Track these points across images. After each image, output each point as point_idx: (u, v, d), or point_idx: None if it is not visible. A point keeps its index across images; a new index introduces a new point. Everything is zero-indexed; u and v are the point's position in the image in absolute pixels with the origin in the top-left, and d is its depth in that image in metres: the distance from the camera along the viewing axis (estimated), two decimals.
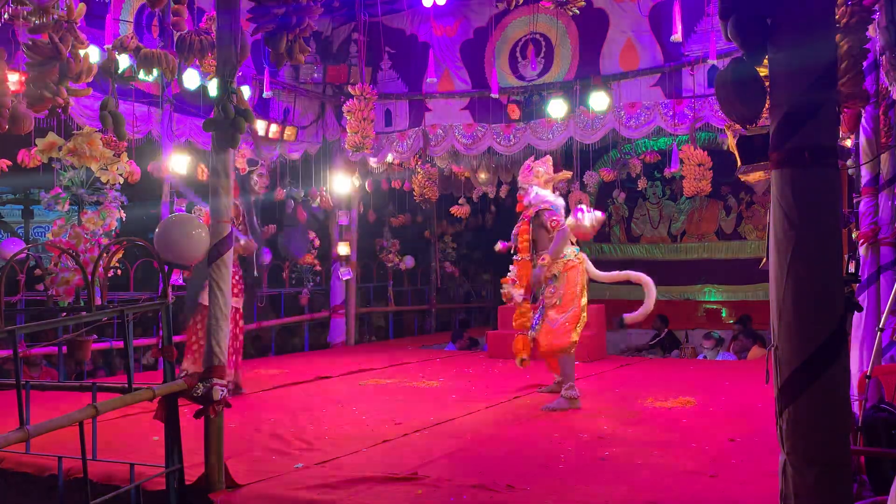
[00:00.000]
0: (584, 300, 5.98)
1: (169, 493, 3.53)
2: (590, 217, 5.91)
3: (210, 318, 3.65)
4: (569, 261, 5.92)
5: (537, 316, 6.00)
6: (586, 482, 3.76)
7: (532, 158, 6.50)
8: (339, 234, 10.96)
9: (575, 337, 5.87)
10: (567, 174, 6.77)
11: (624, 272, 6.63)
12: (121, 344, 6.86)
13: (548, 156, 6.59)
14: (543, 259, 5.86)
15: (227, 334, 3.69)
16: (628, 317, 6.34)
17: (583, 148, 9.42)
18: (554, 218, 5.98)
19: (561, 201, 6.26)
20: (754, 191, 11.70)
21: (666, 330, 10.61)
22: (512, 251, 6.37)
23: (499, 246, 6.67)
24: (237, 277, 5.97)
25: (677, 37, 7.42)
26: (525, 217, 6.20)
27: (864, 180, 4.93)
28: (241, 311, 6.26)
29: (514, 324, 6.15)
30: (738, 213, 12.47)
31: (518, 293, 6.10)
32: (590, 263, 6.19)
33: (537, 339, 5.96)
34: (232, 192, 5.63)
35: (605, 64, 8.70)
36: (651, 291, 6.29)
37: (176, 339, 5.20)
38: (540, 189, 6.20)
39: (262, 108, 9.17)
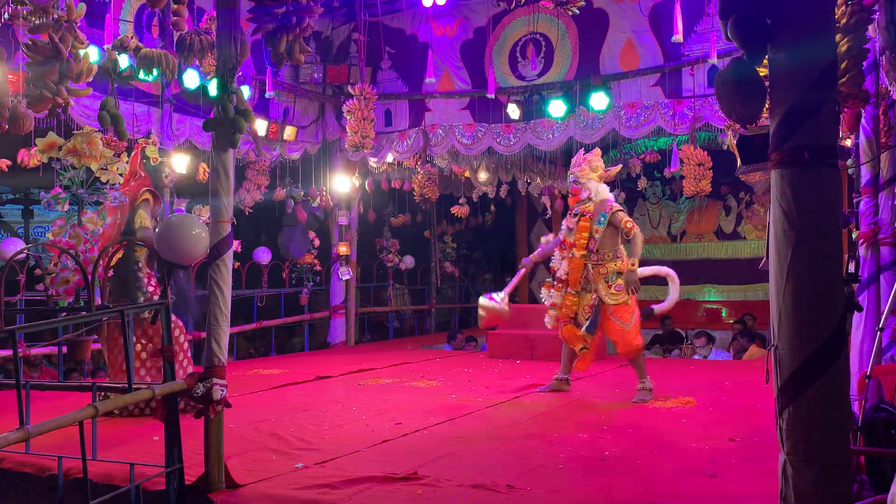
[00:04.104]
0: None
1: (169, 493, 3.53)
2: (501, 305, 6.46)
3: (210, 318, 3.65)
4: (626, 259, 6.05)
5: (593, 314, 6.05)
6: (586, 482, 3.76)
7: (582, 151, 6.46)
8: (339, 234, 10.96)
9: (641, 336, 6.15)
10: (619, 167, 6.83)
11: (651, 268, 6.84)
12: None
13: (597, 148, 6.61)
14: (633, 263, 5.94)
15: (226, 333, 3.69)
16: (657, 308, 6.59)
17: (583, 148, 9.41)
18: (630, 220, 6.07)
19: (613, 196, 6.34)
20: (754, 191, 11.70)
21: (672, 328, 10.65)
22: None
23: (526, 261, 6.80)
24: (154, 282, 5.56)
25: (678, 37, 7.41)
26: (586, 212, 6.14)
27: (864, 180, 4.93)
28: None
29: (559, 312, 6.18)
30: (738, 213, 12.47)
31: (558, 294, 6.21)
32: None
33: (614, 341, 6.12)
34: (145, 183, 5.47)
35: (605, 64, 8.69)
36: (675, 283, 6.52)
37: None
38: (600, 185, 6.22)
39: (262, 108, 9.17)
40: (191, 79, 7.54)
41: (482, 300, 6.68)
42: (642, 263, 6.32)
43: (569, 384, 6.44)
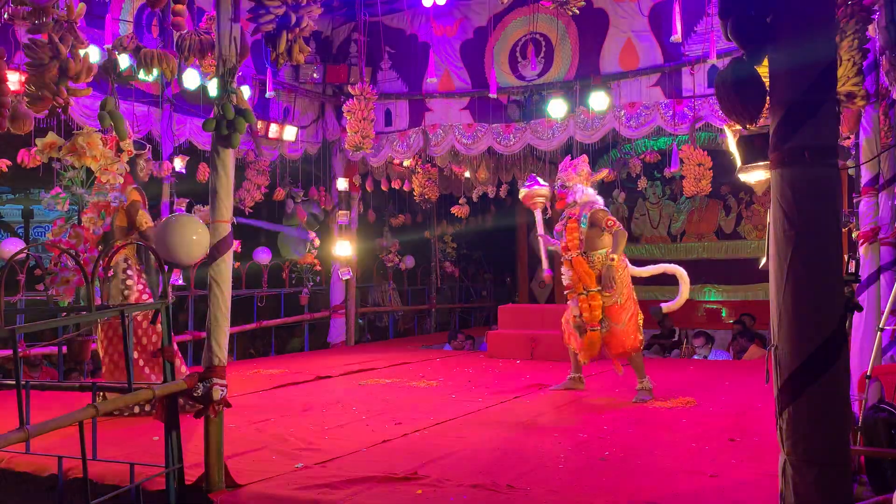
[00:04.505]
0: (635, 296, 6.20)
1: (169, 493, 3.53)
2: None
3: (210, 318, 3.65)
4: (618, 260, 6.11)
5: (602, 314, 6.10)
6: (586, 482, 3.76)
7: (569, 157, 6.55)
8: (338, 233, 10.96)
9: (641, 335, 6.15)
10: (604, 172, 6.89)
11: (659, 265, 6.88)
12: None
13: (584, 154, 6.69)
14: (612, 258, 5.98)
15: (226, 334, 3.68)
16: (665, 306, 6.58)
17: (583, 148, 9.41)
18: (611, 218, 6.15)
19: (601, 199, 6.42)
20: (754, 191, 11.71)
21: (671, 327, 10.65)
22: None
23: (544, 274, 6.73)
24: (142, 282, 5.50)
25: (677, 37, 7.42)
26: (572, 215, 6.21)
27: (864, 180, 4.94)
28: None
29: (585, 315, 6.09)
30: (738, 213, 12.48)
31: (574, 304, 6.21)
32: (627, 260, 6.34)
33: (607, 341, 6.11)
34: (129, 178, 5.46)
35: (605, 64, 8.70)
36: (684, 280, 6.52)
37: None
38: (586, 188, 6.30)
39: (262, 108, 9.17)
40: (191, 79, 7.54)
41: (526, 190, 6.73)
42: (644, 262, 6.35)
43: (583, 382, 6.49)
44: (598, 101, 8.44)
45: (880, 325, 4.26)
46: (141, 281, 5.47)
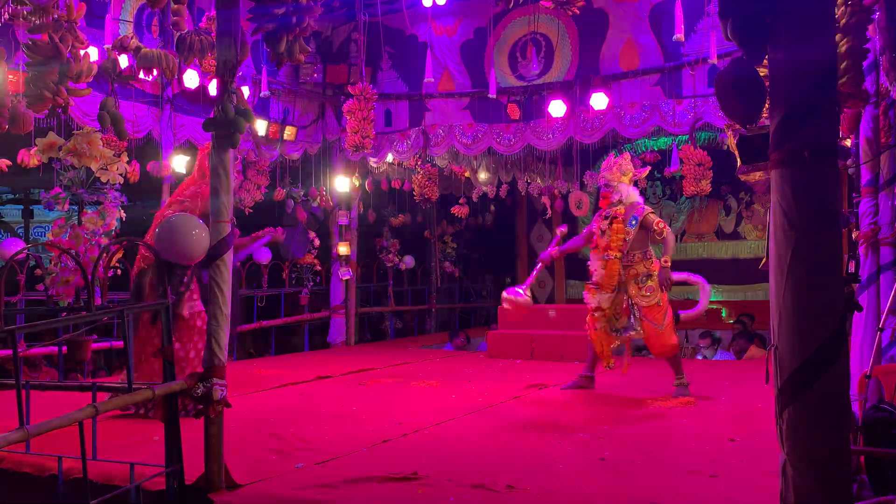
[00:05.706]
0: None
1: (169, 493, 3.53)
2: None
3: (210, 318, 3.65)
4: (656, 260, 6.17)
5: (630, 317, 6.18)
6: (586, 482, 3.76)
7: (612, 154, 6.56)
8: (339, 234, 10.96)
9: (676, 336, 6.26)
10: (647, 170, 6.86)
11: (682, 275, 6.95)
12: (121, 344, 6.85)
13: (627, 152, 6.68)
14: (667, 261, 6.06)
15: (226, 333, 3.68)
16: (684, 314, 6.64)
17: (583, 148, 9.42)
18: (660, 221, 6.22)
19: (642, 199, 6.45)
20: (754, 191, 11.72)
21: None
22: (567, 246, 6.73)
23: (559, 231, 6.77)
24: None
25: (679, 36, 7.42)
26: (617, 215, 6.21)
27: (864, 180, 4.93)
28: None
29: (601, 314, 6.21)
30: (738, 213, 12.47)
31: (603, 297, 6.21)
32: None
33: (649, 342, 6.20)
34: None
35: (605, 64, 8.69)
36: (705, 291, 6.68)
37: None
38: (630, 188, 6.31)
39: (262, 108, 9.18)
40: (191, 79, 7.54)
41: (505, 294, 6.72)
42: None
43: (593, 382, 6.52)
44: (598, 101, 8.43)
45: (880, 325, 4.27)
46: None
